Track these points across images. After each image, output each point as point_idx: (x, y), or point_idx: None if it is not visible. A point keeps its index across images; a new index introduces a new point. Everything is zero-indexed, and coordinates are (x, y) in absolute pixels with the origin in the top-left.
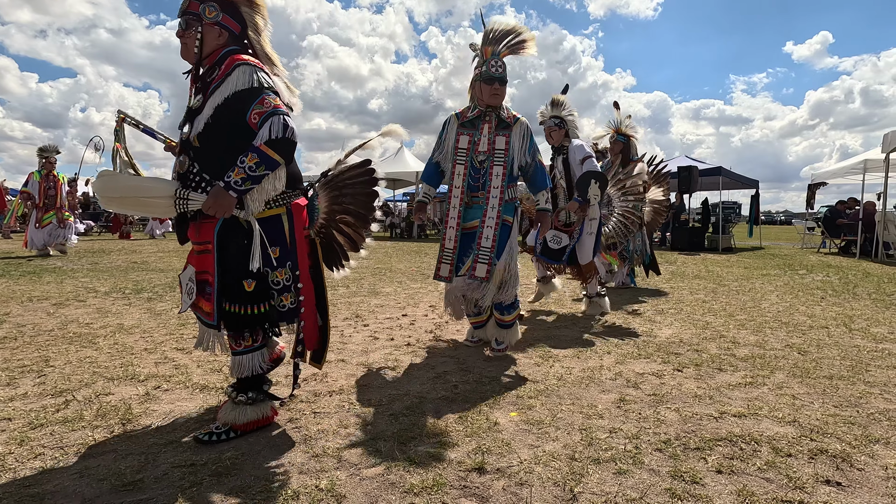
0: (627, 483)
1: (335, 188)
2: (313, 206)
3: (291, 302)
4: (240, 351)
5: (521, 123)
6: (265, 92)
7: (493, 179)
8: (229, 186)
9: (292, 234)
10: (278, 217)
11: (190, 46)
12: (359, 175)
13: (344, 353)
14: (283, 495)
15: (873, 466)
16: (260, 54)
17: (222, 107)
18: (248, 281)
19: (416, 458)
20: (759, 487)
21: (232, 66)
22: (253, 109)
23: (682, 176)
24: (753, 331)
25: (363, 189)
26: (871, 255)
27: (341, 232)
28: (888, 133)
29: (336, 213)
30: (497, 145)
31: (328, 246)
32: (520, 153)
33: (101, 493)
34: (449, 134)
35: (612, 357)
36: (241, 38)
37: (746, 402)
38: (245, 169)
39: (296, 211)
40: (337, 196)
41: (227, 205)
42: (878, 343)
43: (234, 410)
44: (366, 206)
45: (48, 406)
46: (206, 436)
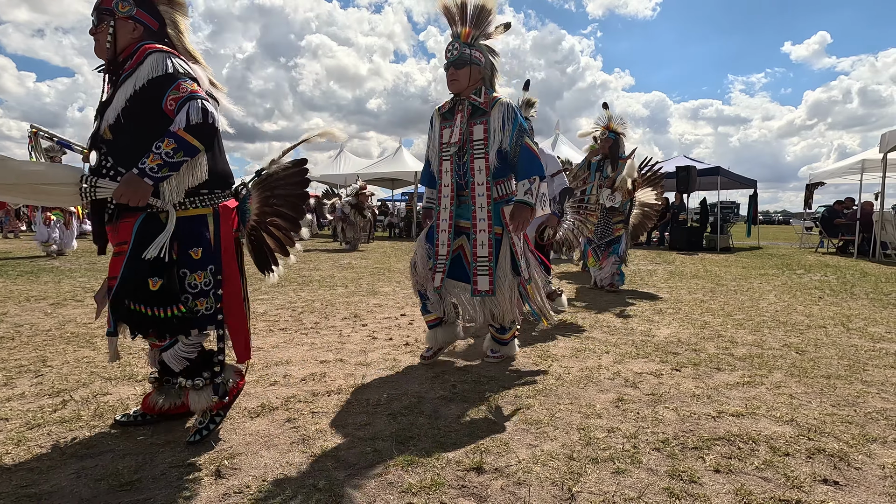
0: (625, 482)
1: (267, 189)
2: (245, 207)
3: (207, 308)
4: (168, 346)
5: (500, 106)
6: (181, 78)
7: (475, 175)
8: (144, 173)
9: (217, 237)
10: (204, 218)
11: (102, 42)
12: (292, 175)
13: (342, 352)
14: (282, 495)
15: (871, 465)
16: (180, 50)
17: (136, 96)
18: (154, 279)
19: (415, 458)
20: (757, 486)
21: (144, 55)
22: (169, 96)
23: (680, 176)
24: (751, 330)
25: (294, 190)
26: (868, 254)
27: (271, 235)
28: (886, 133)
29: (267, 214)
30: (475, 136)
31: (259, 249)
32: (502, 139)
33: (99, 493)
34: (434, 129)
35: (610, 357)
36: (160, 35)
37: (744, 402)
38: (161, 155)
39: (223, 213)
40: (268, 197)
41: (141, 192)
42: (875, 342)
43: (200, 395)
44: (295, 209)
45: (45, 406)
46: (196, 435)
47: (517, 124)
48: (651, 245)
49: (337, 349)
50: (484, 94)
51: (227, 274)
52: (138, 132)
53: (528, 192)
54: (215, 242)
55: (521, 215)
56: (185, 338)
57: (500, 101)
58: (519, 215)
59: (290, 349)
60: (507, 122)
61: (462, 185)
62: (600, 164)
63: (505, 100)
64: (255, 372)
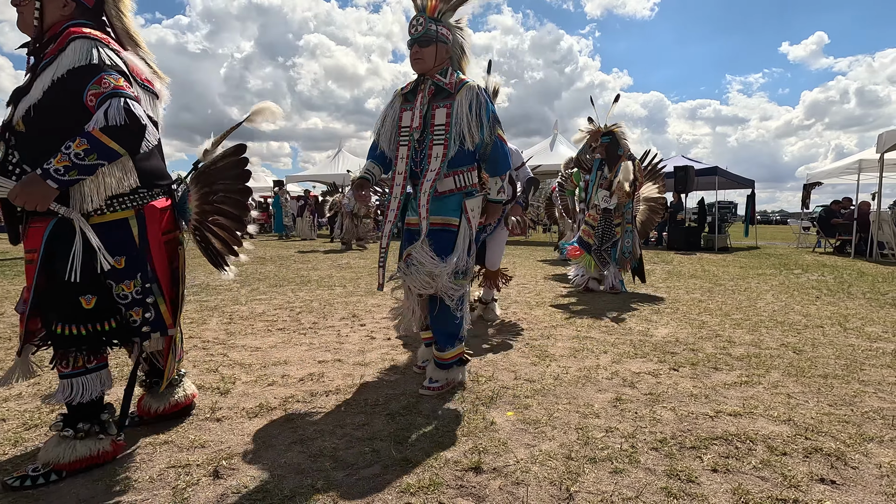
0: (623, 482)
1: (205, 184)
2: (184, 206)
3: (144, 317)
4: (70, 373)
5: (467, 89)
6: (105, 70)
7: (430, 162)
8: (47, 174)
9: (144, 241)
10: (124, 221)
11: (27, 17)
12: (230, 167)
13: (341, 352)
14: (280, 496)
15: (867, 465)
16: (120, 33)
17: (55, 87)
18: (87, 297)
19: (413, 458)
20: (755, 486)
21: (67, 40)
22: (89, 90)
23: (678, 176)
24: (749, 330)
25: (234, 185)
26: (865, 254)
27: (216, 235)
28: (883, 133)
29: (208, 213)
30: (437, 119)
31: (207, 249)
32: (468, 128)
33: (96, 493)
34: (392, 110)
35: (608, 356)
36: (97, 12)
37: (742, 401)
38: (70, 156)
39: (150, 214)
40: (207, 193)
41: (39, 195)
42: (872, 342)
43: (58, 446)
44: (238, 206)
45: (43, 407)
46: (17, 480)
47: (490, 114)
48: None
49: (335, 349)
50: (450, 75)
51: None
52: (54, 127)
53: (502, 191)
54: (141, 247)
55: (494, 214)
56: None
57: (469, 84)
58: (492, 216)
59: (289, 349)
60: (476, 110)
61: (416, 174)
62: (601, 164)
63: (474, 83)
64: (254, 372)
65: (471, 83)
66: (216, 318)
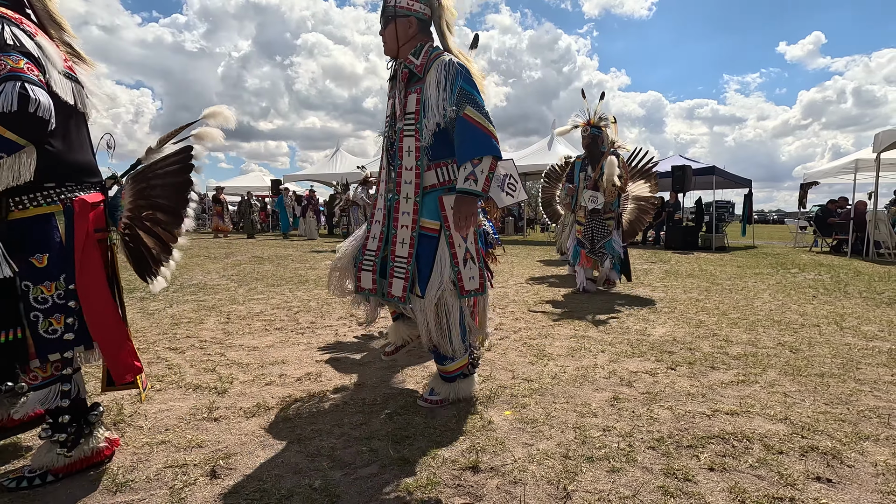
0: (621, 481)
1: (142, 180)
2: (116, 202)
3: (66, 323)
4: (37, 385)
5: (437, 66)
6: (6, 52)
7: (403, 158)
8: None
9: (71, 239)
10: (49, 217)
11: None
12: (173, 163)
13: (338, 352)
14: (277, 495)
15: (863, 463)
16: (41, 14)
17: None
18: None
19: (411, 457)
20: (751, 484)
21: None
22: None
23: (676, 175)
24: (746, 329)
25: (174, 178)
26: (862, 253)
27: (149, 232)
28: (879, 133)
29: (142, 208)
30: (408, 107)
31: (136, 251)
32: (439, 109)
33: (93, 493)
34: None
35: (605, 356)
36: None
37: (739, 400)
38: None
39: (80, 209)
40: (144, 189)
41: None
42: (868, 341)
43: (49, 452)
44: (177, 198)
45: None
46: (13, 481)
47: (457, 88)
48: (647, 244)
49: (333, 349)
50: (423, 55)
51: (88, 282)
52: None
53: (471, 178)
54: (67, 245)
55: (462, 209)
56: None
57: (440, 59)
58: (460, 209)
59: (286, 349)
60: (443, 84)
61: (391, 170)
62: (584, 164)
63: (446, 57)
64: (251, 372)
65: (442, 58)
66: (214, 318)
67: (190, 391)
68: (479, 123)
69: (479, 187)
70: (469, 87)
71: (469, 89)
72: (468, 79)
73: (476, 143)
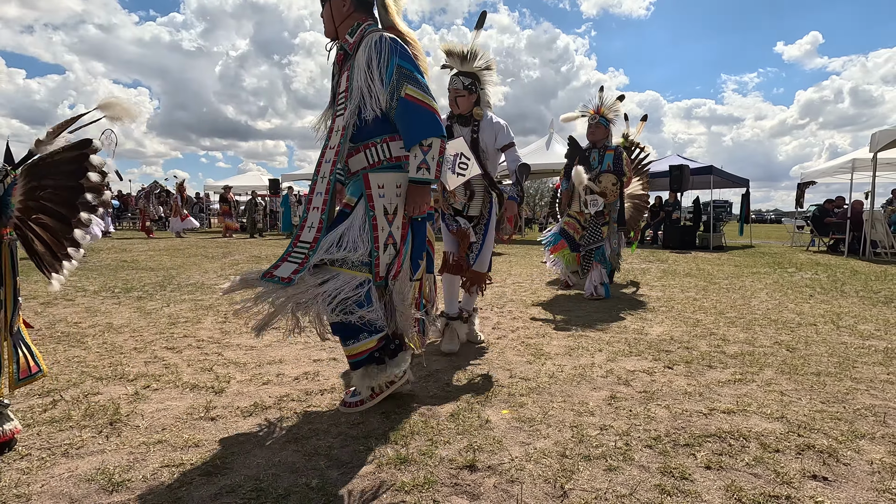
0: (617, 479)
1: (36, 178)
2: (7, 199)
3: None
4: None
5: (365, 43)
6: None
7: (330, 137)
8: None
9: None
10: None
11: None
12: (66, 162)
13: (335, 351)
14: (274, 494)
15: (859, 461)
16: None
17: None
18: None
19: (408, 456)
20: (748, 483)
21: None
22: None
23: (673, 175)
24: (743, 328)
25: (65, 181)
26: (858, 253)
27: (39, 238)
28: (876, 133)
29: (31, 210)
30: (341, 87)
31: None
32: (368, 88)
33: (89, 493)
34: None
35: (603, 355)
36: None
37: (735, 399)
38: None
39: None
40: (34, 188)
41: None
42: (864, 340)
43: None
44: (66, 205)
45: (35, 406)
46: None
47: (393, 65)
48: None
49: (330, 348)
50: (358, 33)
51: None
52: None
53: (424, 166)
54: None
55: (416, 198)
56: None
57: (370, 35)
58: (414, 199)
59: (283, 348)
60: (375, 62)
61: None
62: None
63: (377, 33)
64: (248, 371)
65: (372, 35)
66: (211, 317)
67: (187, 390)
68: (422, 102)
69: (432, 174)
70: (406, 63)
71: (406, 65)
72: (404, 54)
73: (423, 125)
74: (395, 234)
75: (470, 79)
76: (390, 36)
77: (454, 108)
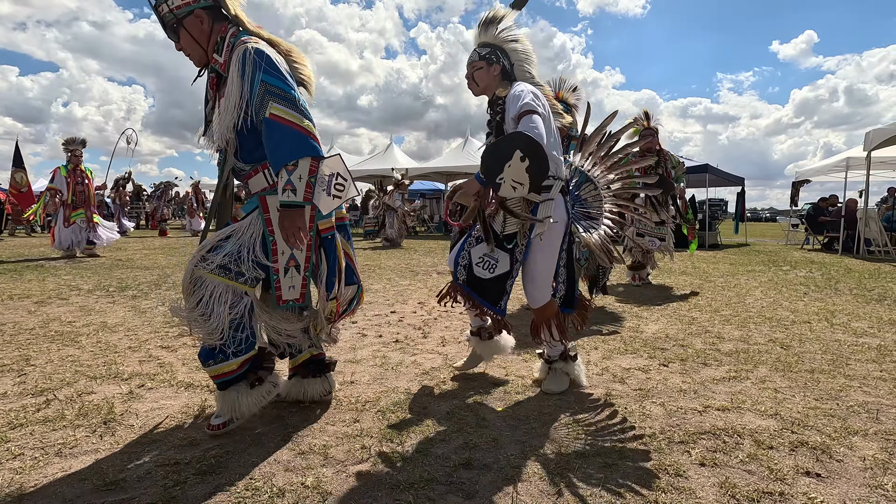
0: (613, 477)
1: None
2: None
3: None
4: None
5: (235, 58)
6: None
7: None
8: None
9: None
10: None
11: None
12: None
13: (332, 350)
14: (269, 493)
15: (852, 458)
16: None
17: None
18: None
19: (404, 455)
20: (741, 479)
21: None
22: None
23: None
24: (738, 326)
25: None
26: (852, 251)
27: None
28: (870, 131)
29: None
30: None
31: None
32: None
33: (83, 492)
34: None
35: (598, 352)
36: None
37: (730, 396)
38: None
39: None
40: None
41: None
42: (858, 337)
43: None
44: None
45: (28, 406)
46: None
47: (257, 83)
48: None
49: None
50: (226, 49)
51: None
52: None
53: (289, 188)
54: None
55: (286, 224)
56: None
57: (237, 50)
58: (283, 224)
59: None
60: (239, 82)
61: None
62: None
63: (242, 47)
64: None
65: (239, 47)
66: None
67: (182, 389)
68: (288, 122)
69: (300, 196)
70: (271, 79)
71: (272, 81)
72: (269, 68)
73: (289, 146)
74: (297, 258)
75: (489, 48)
76: (255, 48)
77: (473, 90)
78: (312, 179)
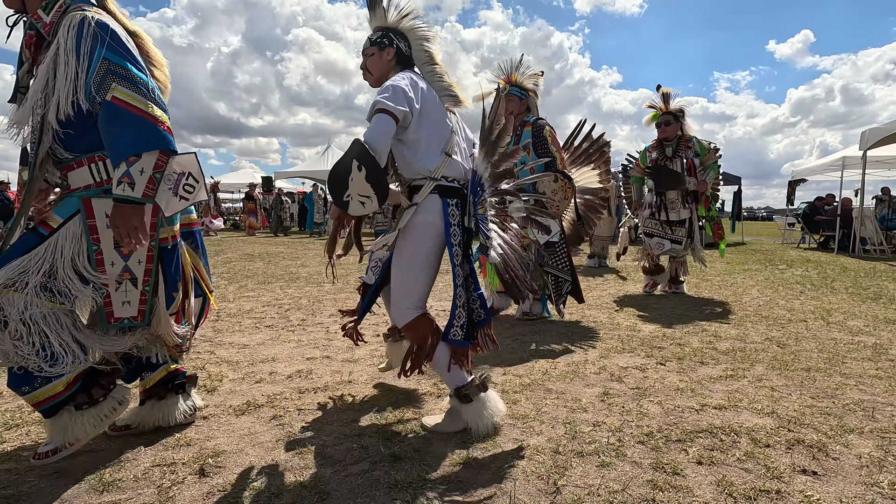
0: (610, 475)
1: None
2: None
3: None
4: None
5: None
6: None
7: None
8: None
9: None
10: None
11: None
12: None
13: (329, 349)
14: (267, 493)
15: (848, 456)
16: None
17: None
18: None
19: (401, 454)
20: (738, 477)
21: None
22: None
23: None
24: (734, 324)
25: None
26: (848, 250)
27: None
28: (866, 131)
29: None
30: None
31: None
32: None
33: (80, 493)
34: None
35: (596, 351)
36: None
37: (727, 395)
38: None
39: None
40: None
41: None
42: (854, 336)
43: None
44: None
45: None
46: None
47: (97, 59)
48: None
49: (324, 346)
50: (56, 10)
51: None
52: None
53: (126, 180)
54: None
55: (119, 221)
56: None
57: (74, 15)
58: (116, 222)
59: (277, 346)
60: (73, 54)
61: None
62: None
63: (80, 14)
64: (241, 369)
65: (76, 14)
66: None
67: None
68: (133, 107)
69: (138, 192)
70: (116, 57)
71: (116, 59)
72: (115, 44)
73: (132, 136)
74: (133, 270)
75: (380, 31)
76: (98, 19)
77: (368, 81)
78: (158, 175)
